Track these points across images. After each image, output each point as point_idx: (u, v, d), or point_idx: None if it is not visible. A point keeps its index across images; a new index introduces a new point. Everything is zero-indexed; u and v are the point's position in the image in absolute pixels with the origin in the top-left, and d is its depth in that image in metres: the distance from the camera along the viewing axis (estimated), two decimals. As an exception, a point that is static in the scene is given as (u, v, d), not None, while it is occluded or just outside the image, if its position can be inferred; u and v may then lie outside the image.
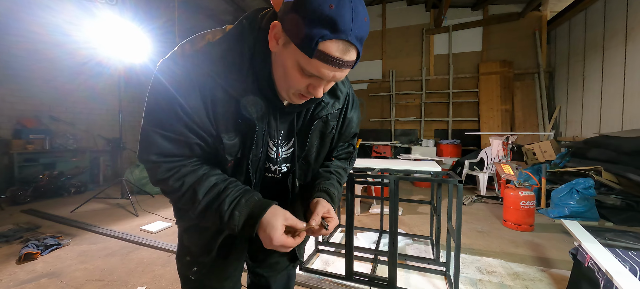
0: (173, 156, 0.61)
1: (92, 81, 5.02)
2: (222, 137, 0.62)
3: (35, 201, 3.84)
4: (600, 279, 1.24)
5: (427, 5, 6.29)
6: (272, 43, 0.56)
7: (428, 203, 3.43)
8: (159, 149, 0.59)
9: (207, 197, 0.61)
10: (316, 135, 0.74)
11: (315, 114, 0.71)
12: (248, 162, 0.67)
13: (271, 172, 0.75)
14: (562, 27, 5.53)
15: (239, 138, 0.64)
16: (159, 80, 0.58)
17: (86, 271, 1.98)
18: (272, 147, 0.71)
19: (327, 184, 0.76)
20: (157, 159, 0.60)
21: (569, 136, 5.24)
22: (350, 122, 0.80)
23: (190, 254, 0.78)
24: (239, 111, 0.61)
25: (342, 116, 0.77)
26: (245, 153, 0.66)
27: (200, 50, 0.58)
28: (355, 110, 0.81)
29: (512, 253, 2.27)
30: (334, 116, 0.74)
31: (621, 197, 3.03)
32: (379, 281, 1.69)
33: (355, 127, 0.84)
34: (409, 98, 6.58)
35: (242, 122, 0.63)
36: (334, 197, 0.75)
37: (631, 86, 3.90)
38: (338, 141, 0.82)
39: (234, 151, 0.65)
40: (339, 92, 0.72)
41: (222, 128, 0.62)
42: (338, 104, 0.73)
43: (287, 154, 0.74)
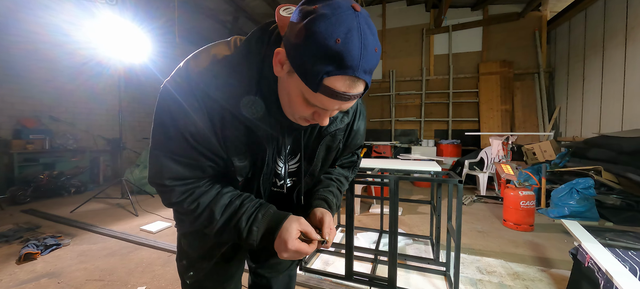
0: (186, 178, 0.61)
1: (92, 81, 5.02)
2: (233, 160, 0.62)
3: (35, 201, 3.84)
4: (600, 279, 1.24)
5: (427, 5, 6.30)
6: (277, 68, 0.53)
7: (428, 203, 3.43)
8: (171, 173, 0.59)
9: (224, 216, 0.62)
10: (323, 149, 0.73)
11: (323, 130, 0.69)
12: (259, 182, 0.68)
13: (277, 187, 0.75)
14: (562, 27, 5.53)
15: (249, 160, 0.65)
16: (166, 104, 0.57)
17: (86, 271, 1.98)
18: (279, 163, 0.72)
19: (326, 192, 0.76)
20: (171, 184, 0.60)
21: (569, 136, 5.24)
22: (357, 133, 0.79)
23: (188, 258, 0.78)
24: (248, 133, 0.62)
25: (349, 128, 0.76)
26: (256, 174, 0.67)
27: (206, 69, 0.56)
28: (362, 120, 0.79)
29: (512, 253, 2.27)
30: (341, 130, 0.73)
31: (621, 197, 3.03)
32: (379, 281, 1.69)
33: (361, 139, 0.83)
34: (409, 98, 6.58)
35: (253, 144, 0.63)
36: (332, 205, 0.74)
37: (631, 86, 3.90)
38: (343, 152, 0.81)
39: (245, 172, 0.66)
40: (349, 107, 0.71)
41: (232, 151, 0.62)
42: (347, 119, 0.71)
43: (293, 169, 0.75)
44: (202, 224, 0.63)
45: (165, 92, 0.58)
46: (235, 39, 0.61)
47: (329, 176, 0.81)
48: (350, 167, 0.88)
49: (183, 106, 0.56)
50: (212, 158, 0.62)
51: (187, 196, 0.61)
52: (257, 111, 0.58)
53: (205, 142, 0.59)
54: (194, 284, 0.79)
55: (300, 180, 0.75)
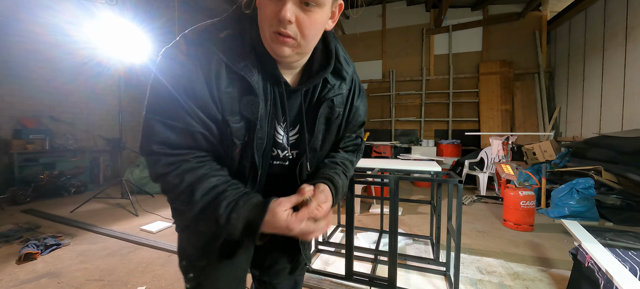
0: (175, 147, 0.57)
1: (92, 80, 5.02)
2: (229, 120, 0.59)
3: (35, 201, 3.83)
4: (600, 279, 1.24)
5: (427, 5, 6.29)
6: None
7: (428, 203, 3.43)
8: (160, 138, 0.56)
9: (205, 199, 0.57)
10: (322, 120, 0.70)
11: (321, 96, 0.68)
12: (253, 148, 0.63)
13: (279, 159, 0.71)
14: (562, 27, 5.53)
15: (244, 121, 0.61)
16: (162, 66, 0.57)
17: (86, 271, 1.98)
18: (279, 131, 0.68)
19: (332, 173, 0.72)
20: (158, 150, 0.57)
21: (569, 136, 5.24)
22: (357, 110, 0.76)
23: (187, 257, 0.73)
24: (242, 89, 0.59)
25: (349, 103, 0.74)
26: (250, 137, 0.62)
27: (202, 30, 0.58)
28: (362, 99, 0.77)
29: (512, 253, 2.27)
30: (340, 100, 0.71)
31: (621, 197, 3.03)
32: (379, 281, 1.69)
33: (363, 116, 0.81)
34: (409, 98, 6.58)
35: (246, 101, 0.60)
36: (338, 186, 0.70)
37: (631, 86, 3.90)
38: (345, 130, 0.78)
39: (241, 135, 0.62)
40: (344, 73, 0.69)
41: (228, 110, 0.59)
42: (345, 86, 0.69)
43: (293, 140, 0.71)
44: (182, 203, 0.58)
45: (163, 55, 0.58)
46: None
47: (333, 160, 0.77)
48: (354, 151, 0.85)
49: (179, 64, 0.55)
50: (205, 123, 0.58)
51: (173, 169, 0.57)
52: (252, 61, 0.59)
53: (199, 101, 0.56)
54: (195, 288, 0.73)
55: (302, 153, 0.70)
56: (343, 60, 0.68)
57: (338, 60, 0.67)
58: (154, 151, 0.57)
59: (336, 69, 0.68)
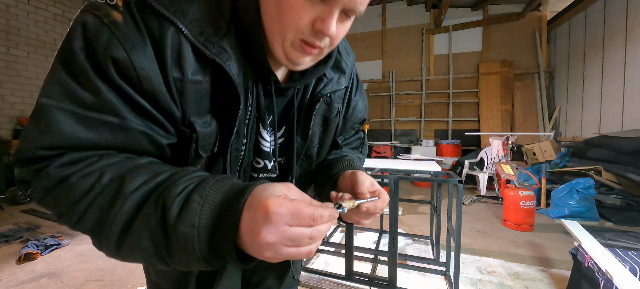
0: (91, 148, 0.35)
1: (92, 81, 5.01)
2: (194, 122, 0.40)
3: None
4: (600, 279, 1.24)
5: (427, 5, 6.30)
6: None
7: (428, 203, 3.43)
8: (61, 134, 0.32)
9: (141, 191, 0.33)
10: (318, 120, 0.56)
11: (317, 92, 0.53)
12: (226, 163, 0.45)
13: (266, 171, 0.54)
14: (562, 27, 5.54)
15: (215, 125, 0.43)
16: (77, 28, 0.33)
17: (86, 271, 1.98)
18: (265, 137, 0.52)
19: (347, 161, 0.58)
20: (51, 153, 0.33)
21: (569, 136, 5.24)
22: (356, 106, 0.64)
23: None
24: (217, 82, 0.41)
25: (347, 99, 0.61)
26: (222, 146, 0.44)
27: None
28: (361, 94, 0.65)
29: (512, 253, 2.27)
30: (339, 95, 0.57)
31: (621, 197, 3.03)
32: (379, 281, 1.69)
33: (363, 112, 0.67)
34: (409, 98, 6.58)
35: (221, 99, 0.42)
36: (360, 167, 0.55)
37: (631, 86, 3.91)
38: (343, 129, 0.64)
39: (210, 144, 0.43)
40: (344, 65, 0.56)
41: (193, 108, 0.40)
42: (344, 80, 0.56)
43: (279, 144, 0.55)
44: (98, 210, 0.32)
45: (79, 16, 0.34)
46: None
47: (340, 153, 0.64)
48: (358, 148, 0.70)
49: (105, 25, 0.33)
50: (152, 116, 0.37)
51: (78, 169, 0.33)
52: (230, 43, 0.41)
53: (144, 81, 0.35)
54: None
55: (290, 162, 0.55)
56: (343, 50, 0.57)
57: (338, 51, 0.55)
58: (42, 157, 0.33)
59: (335, 61, 0.55)
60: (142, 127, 0.37)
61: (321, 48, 0.42)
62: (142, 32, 0.35)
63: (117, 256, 0.34)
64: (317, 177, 0.60)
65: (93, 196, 0.32)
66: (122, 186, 0.32)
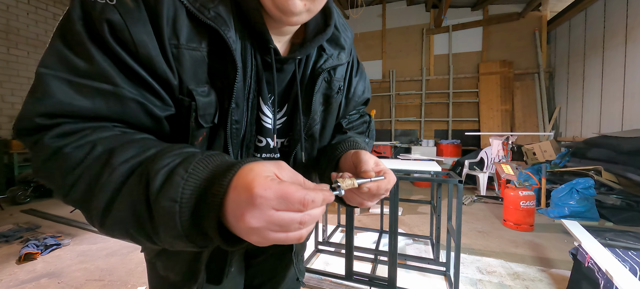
0: (86, 118, 0.34)
1: (92, 81, 5.01)
2: (192, 90, 0.39)
3: (35, 201, 3.84)
4: (600, 279, 1.24)
5: (427, 5, 6.30)
6: None
7: (428, 203, 3.43)
8: (57, 102, 0.32)
9: (129, 164, 0.32)
10: (319, 98, 0.54)
11: (318, 67, 0.53)
12: (227, 135, 0.44)
13: (268, 150, 0.53)
14: (562, 27, 5.54)
15: (215, 94, 0.42)
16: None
17: (86, 271, 1.98)
18: (266, 113, 0.50)
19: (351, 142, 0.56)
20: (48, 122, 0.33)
21: (569, 136, 5.24)
22: (357, 86, 0.63)
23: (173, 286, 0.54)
24: (214, 50, 0.41)
25: (347, 78, 0.60)
26: (222, 118, 0.43)
27: None
28: (361, 75, 0.64)
29: (512, 253, 2.27)
30: (340, 73, 0.57)
31: (621, 197, 3.03)
32: (379, 281, 1.69)
33: (367, 92, 0.67)
34: (409, 98, 6.58)
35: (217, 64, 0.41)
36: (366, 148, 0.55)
37: (631, 86, 3.91)
38: (345, 110, 0.63)
39: (211, 114, 0.42)
40: (342, 41, 0.56)
41: (190, 75, 0.39)
42: (344, 55, 0.56)
43: (281, 124, 0.54)
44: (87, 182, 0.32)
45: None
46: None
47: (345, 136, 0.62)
48: (364, 133, 0.68)
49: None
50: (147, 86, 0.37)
51: (72, 141, 0.32)
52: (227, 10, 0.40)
53: (139, 46, 0.35)
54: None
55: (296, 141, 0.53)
56: (341, 26, 0.56)
57: (336, 27, 0.54)
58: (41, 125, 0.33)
59: (334, 36, 0.54)
60: (136, 96, 0.36)
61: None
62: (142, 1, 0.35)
63: (103, 230, 0.33)
64: (320, 160, 0.58)
65: (83, 168, 0.32)
66: (110, 158, 0.32)
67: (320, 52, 0.53)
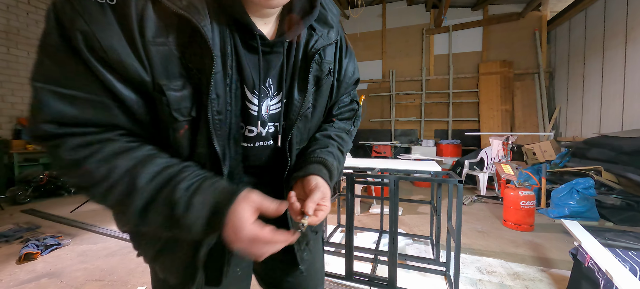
0: (80, 124, 0.38)
1: (92, 81, 5.01)
2: (163, 85, 0.39)
3: (35, 201, 3.84)
4: (600, 279, 1.24)
5: (427, 5, 6.30)
6: None
7: (428, 203, 3.43)
8: (50, 113, 0.36)
9: (153, 184, 0.40)
10: (312, 80, 0.55)
11: (310, 48, 0.52)
12: (209, 127, 0.44)
13: (261, 139, 0.53)
14: (562, 27, 5.54)
15: (191, 87, 0.42)
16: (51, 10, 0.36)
17: (86, 271, 1.98)
18: (252, 100, 0.49)
19: (324, 153, 0.57)
20: (54, 131, 0.37)
21: (569, 136, 5.24)
22: (347, 68, 0.63)
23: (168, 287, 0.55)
24: (184, 39, 0.40)
25: (337, 60, 0.60)
26: (201, 112, 0.43)
27: None
28: (351, 57, 0.64)
29: (512, 253, 2.27)
30: (331, 53, 0.57)
31: (621, 197, 3.03)
32: (379, 281, 1.69)
33: (356, 73, 0.67)
34: (409, 98, 6.58)
35: (192, 56, 0.41)
36: (332, 169, 0.56)
37: (631, 86, 3.91)
38: (337, 92, 0.63)
39: (185, 108, 0.42)
40: (330, 19, 0.56)
41: (160, 71, 0.39)
42: (333, 34, 0.56)
43: (277, 109, 0.53)
44: (118, 197, 0.39)
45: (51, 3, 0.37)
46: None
47: (326, 133, 0.63)
48: (350, 119, 0.70)
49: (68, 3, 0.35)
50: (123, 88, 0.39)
51: (90, 153, 0.38)
52: None
53: (110, 55, 0.36)
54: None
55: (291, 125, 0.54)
56: (326, 4, 0.56)
57: (322, 5, 0.54)
58: (47, 133, 0.37)
59: (321, 15, 0.54)
60: (117, 102, 0.39)
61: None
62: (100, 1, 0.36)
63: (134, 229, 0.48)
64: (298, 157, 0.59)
65: (109, 186, 0.39)
66: (134, 181, 0.39)
67: (310, 32, 0.53)
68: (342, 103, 0.69)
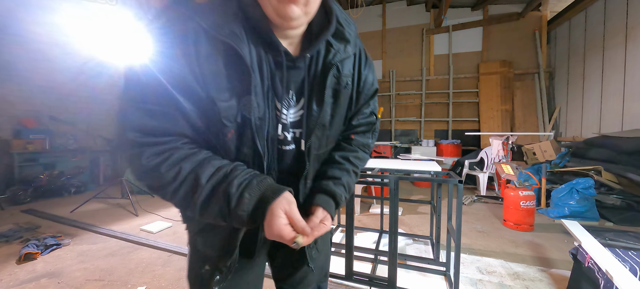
0: (158, 134, 0.49)
1: (93, 81, 5.02)
2: (215, 98, 0.50)
3: (35, 201, 3.84)
4: (600, 279, 1.24)
5: (427, 5, 6.30)
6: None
7: (428, 203, 3.43)
8: (135, 125, 0.48)
9: (212, 181, 0.50)
10: (330, 92, 0.61)
11: (327, 62, 0.59)
12: (252, 130, 0.54)
13: (286, 143, 0.62)
14: (562, 27, 5.53)
15: (235, 99, 0.52)
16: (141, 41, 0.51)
17: (86, 271, 1.98)
18: (281, 110, 0.59)
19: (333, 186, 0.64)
20: (136, 138, 0.48)
21: (569, 136, 5.24)
22: (366, 79, 0.68)
23: (209, 260, 0.63)
24: (230, 61, 0.51)
25: (357, 71, 0.66)
26: (245, 118, 0.53)
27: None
28: (370, 67, 0.70)
29: (512, 253, 2.27)
30: (348, 67, 0.63)
31: (621, 197, 3.03)
32: (379, 281, 1.69)
33: (374, 84, 0.72)
34: (409, 98, 6.58)
35: (234, 75, 0.51)
36: (339, 200, 0.65)
37: (631, 86, 3.90)
38: (357, 101, 0.69)
39: (232, 115, 0.53)
40: (347, 34, 0.61)
41: (213, 88, 0.50)
42: (350, 48, 0.62)
43: (297, 117, 0.61)
44: (185, 193, 0.50)
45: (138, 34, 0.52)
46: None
47: (343, 155, 0.69)
48: (368, 131, 0.75)
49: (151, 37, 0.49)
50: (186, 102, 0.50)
51: (164, 159, 0.49)
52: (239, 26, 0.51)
53: (175, 77, 0.48)
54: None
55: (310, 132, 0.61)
56: (343, 20, 0.61)
57: (338, 21, 0.60)
58: (133, 141, 0.48)
59: (338, 31, 0.61)
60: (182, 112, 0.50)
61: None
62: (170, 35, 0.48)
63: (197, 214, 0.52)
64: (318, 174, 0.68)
65: (178, 184, 0.49)
66: (198, 179, 0.49)
67: (328, 47, 0.60)
68: (362, 115, 0.73)
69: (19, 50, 4.26)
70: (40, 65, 4.48)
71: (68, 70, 4.75)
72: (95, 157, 5.10)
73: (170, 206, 3.60)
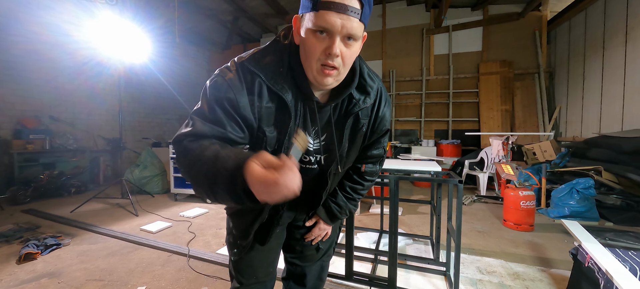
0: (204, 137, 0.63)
1: (93, 81, 5.02)
2: (265, 130, 0.70)
3: (35, 201, 3.84)
4: (600, 279, 1.24)
5: (427, 5, 6.29)
6: (296, 37, 0.67)
7: (428, 203, 3.43)
8: (193, 129, 0.63)
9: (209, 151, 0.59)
10: (348, 132, 0.79)
11: (348, 109, 0.77)
12: (284, 152, 0.72)
13: (310, 164, 0.83)
14: (562, 27, 5.53)
15: (276, 131, 0.72)
16: (213, 80, 0.67)
17: (86, 271, 1.98)
18: (309, 140, 0.78)
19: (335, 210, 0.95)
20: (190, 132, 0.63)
21: (569, 136, 5.24)
22: (383, 118, 0.84)
23: (233, 236, 0.88)
24: (280, 106, 0.70)
25: (374, 112, 0.82)
26: (281, 145, 0.73)
27: (247, 58, 0.70)
28: (387, 107, 0.85)
29: (512, 253, 2.27)
30: (365, 113, 0.79)
31: (621, 197, 3.03)
32: (379, 281, 1.69)
33: (387, 123, 0.89)
34: (409, 98, 6.58)
35: (280, 115, 0.71)
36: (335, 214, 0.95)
37: (631, 86, 3.90)
38: (371, 135, 0.86)
39: (273, 143, 0.72)
40: (368, 88, 0.76)
41: (265, 121, 0.70)
42: (369, 100, 0.77)
43: (319, 146, 0.81)
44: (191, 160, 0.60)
45: (214, 74, 0.69)
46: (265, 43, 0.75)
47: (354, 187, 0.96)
48: (376, 162, 0.95)
49: (227, 79, 0.66)
50: (240, 126, 0.67)
51: (192, 139, 0.63)
52: (288, 82, 0.70)
53: (240, 109, 0.65)
54: (237, 262, 0.91)
55: (332, 159, 0.81)
56: (368, 77, 0.77)
57: (362, 77, 0.76)
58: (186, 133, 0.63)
59: (361, 85, 0.76)
60: (235, 134, 0.67)
61: (336, 68, 0.64)
62: (242, 83, 0.67)
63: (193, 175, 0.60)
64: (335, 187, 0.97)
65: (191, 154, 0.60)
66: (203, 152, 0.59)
67: (351, 98, 0.76)
68: (374, 149, 0.91)
69: (19, 51, 4.26)
70: (40, 65, 4.48)
71: (68, 70, 4.75)
72: (95, 157, 5.10)
73: (170, 206, 3.60)
